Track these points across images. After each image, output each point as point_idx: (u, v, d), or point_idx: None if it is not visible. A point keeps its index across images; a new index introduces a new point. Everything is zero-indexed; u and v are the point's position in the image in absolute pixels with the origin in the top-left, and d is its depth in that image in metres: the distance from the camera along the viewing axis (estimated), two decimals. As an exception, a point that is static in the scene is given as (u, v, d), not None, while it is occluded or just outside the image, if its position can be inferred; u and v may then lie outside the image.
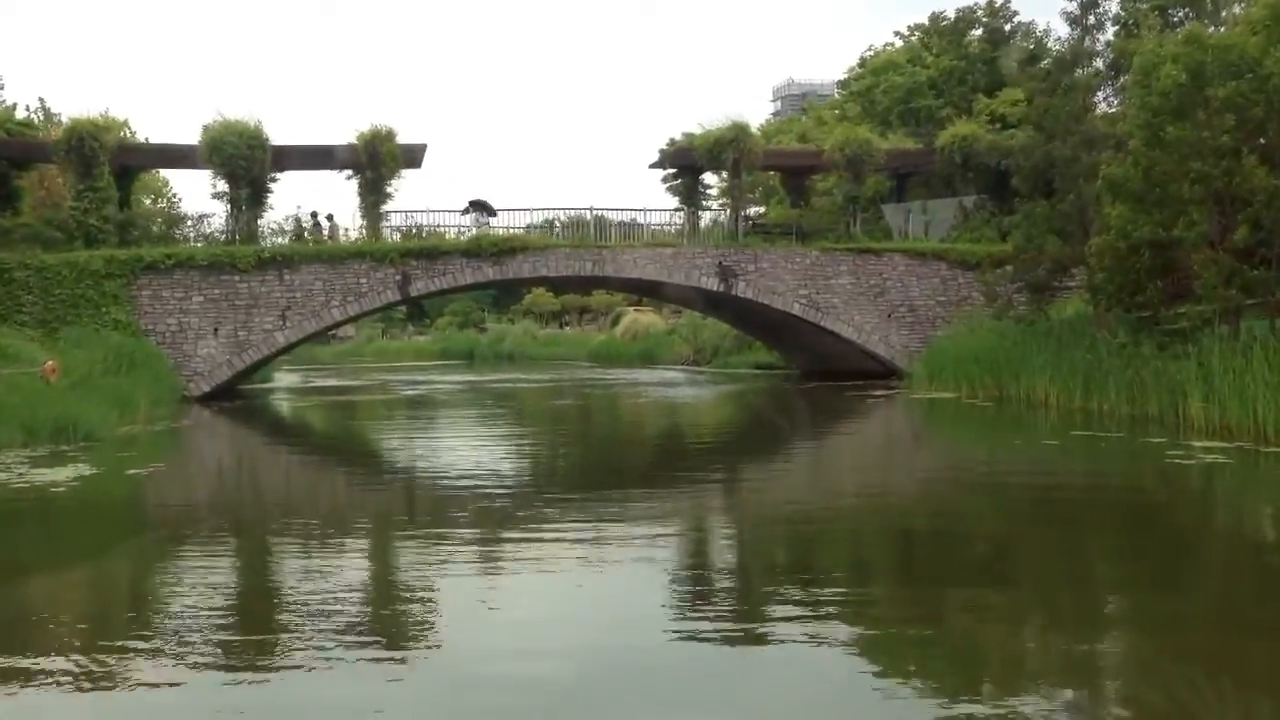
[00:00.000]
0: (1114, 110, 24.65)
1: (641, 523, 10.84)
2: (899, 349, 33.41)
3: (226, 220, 32.28)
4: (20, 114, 39.87)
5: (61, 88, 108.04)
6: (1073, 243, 23.04)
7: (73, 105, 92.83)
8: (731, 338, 47.23)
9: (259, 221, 34.76)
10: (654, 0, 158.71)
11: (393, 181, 35.29)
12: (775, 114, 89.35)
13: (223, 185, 33.35)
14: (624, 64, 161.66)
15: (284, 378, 47.80)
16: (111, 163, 33.11)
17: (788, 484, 14.40)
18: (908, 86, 42.25)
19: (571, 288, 68.45)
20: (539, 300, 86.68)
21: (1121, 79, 23.94)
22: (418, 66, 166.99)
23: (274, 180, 35.49)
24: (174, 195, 50.98)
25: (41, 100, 49.32)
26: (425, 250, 31.53)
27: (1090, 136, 22.93)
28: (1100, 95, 24.41)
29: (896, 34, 48.81)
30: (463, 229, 33.04)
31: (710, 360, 48.28)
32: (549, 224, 34.68)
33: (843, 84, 51.43)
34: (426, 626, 7.29)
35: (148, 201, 43.28)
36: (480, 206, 33.41)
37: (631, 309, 65.63)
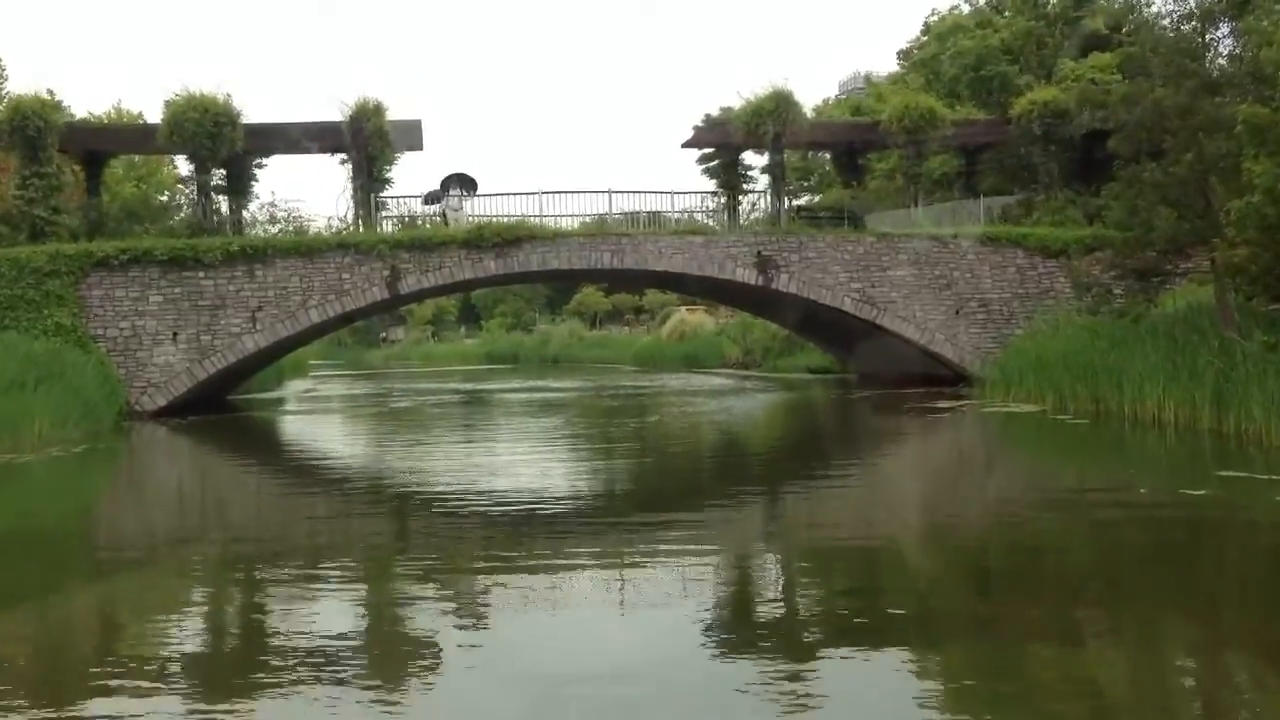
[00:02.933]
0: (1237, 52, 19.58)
1: (676, 557, 9.33)
2: (969, 350, 28.58)
3: (192, 210, 28.43)
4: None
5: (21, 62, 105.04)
6: (1190, 216, 18.14)
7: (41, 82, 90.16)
8: (782, 339, 42.75)
9: (243, 213, 31.21)
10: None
11: (389, 167, 31.50)
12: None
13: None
14: (665, 44, 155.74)
15: (296, 385, 44.15)
16: (74, 147, 29.61)
17: (828, 541, 10.17)
18: (977, 52, 37.21)
19: (612, 284, 64.49)
20: (589, 300, 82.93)
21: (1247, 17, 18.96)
22: (421, 36, 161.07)
23: (260, 166, 31.86)
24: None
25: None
26: (418, 241, 27.39)
27: (1211, 79, 18.04)
28: (1222, 30, 19.36)
29: (963, -4, 43.74)
30: (430, 217, 28.86)
31: (760, 363, 43.93)
32: (600, 220, 30.02)
33: (903, 54, 46.44)
34: (430, 669, 6.46)
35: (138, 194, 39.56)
36: (458, 182, 29.11)
37: (683, 308, 61.45)
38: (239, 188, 31.09)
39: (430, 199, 29.61)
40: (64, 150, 30.50)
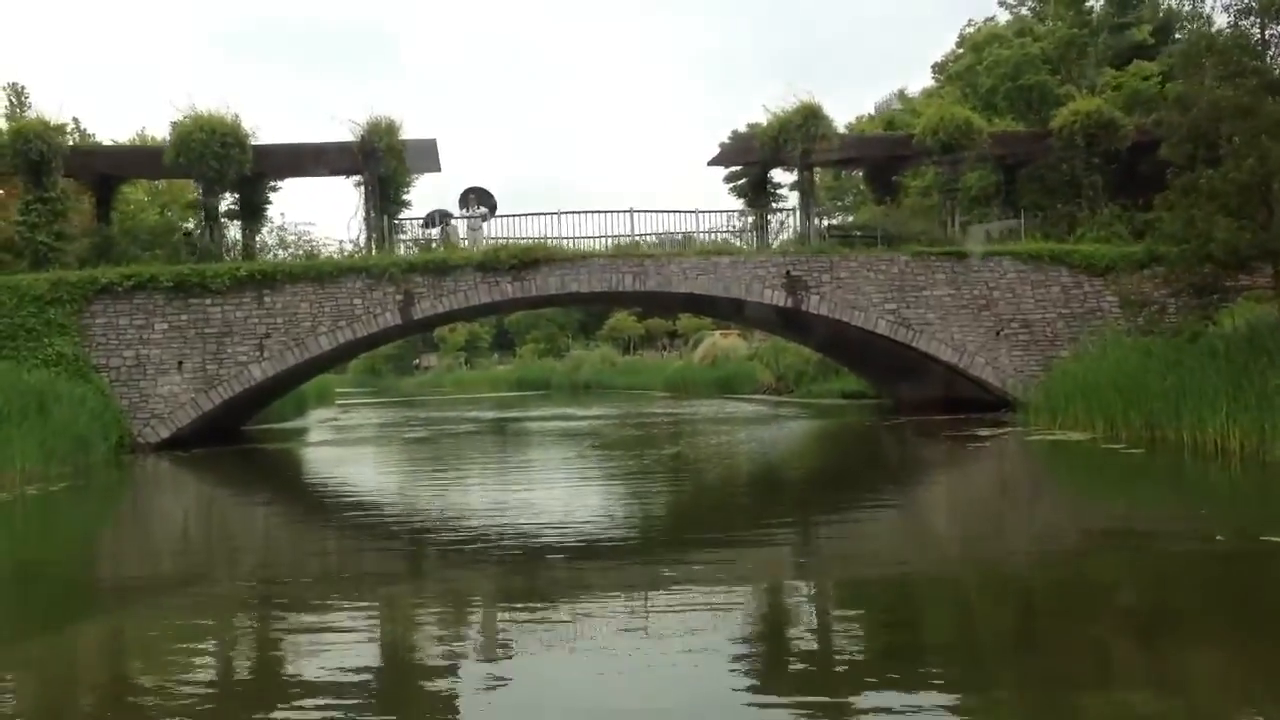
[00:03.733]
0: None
1: (705, 591, 8.67)
2: (1011, 373, 27.09)
3: (199, 235, 27.53)
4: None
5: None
6: (1252, 226, 16.65)
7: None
8: (816, 363, 41.38)
9: (255, 238, 30.32)
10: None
11: (406, 189, 30.57)
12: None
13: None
14: (691, 64, 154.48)
15: (320, 413, 43.25)
16: (82, 172, 28.90)
17: (863, 578, 9.19)
18: (1016, 61, 35.77)
19: (635, 308, 63.37)
20: (622, 325, 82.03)
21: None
22: (441, 56, 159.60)
23: (274, 189, 31.02)
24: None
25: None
26: (432, 264, 26.32)
27: (1273, 78, 16.60)
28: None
29: (1001, 4, 42.26)
30: (430, 239, 27.83)
31: (794, 388, 42.54)
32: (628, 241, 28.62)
33: (938, 67, 45.03)
34: (448, 706, 6.14)
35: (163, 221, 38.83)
36: (477, 198, 28.07)
37: (717, 332, 60.24)
38: (252, 212, 30.24)
39: (430, 221, 28.57)
40: (73, 175, 29.89)
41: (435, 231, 28.20)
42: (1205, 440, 16.22)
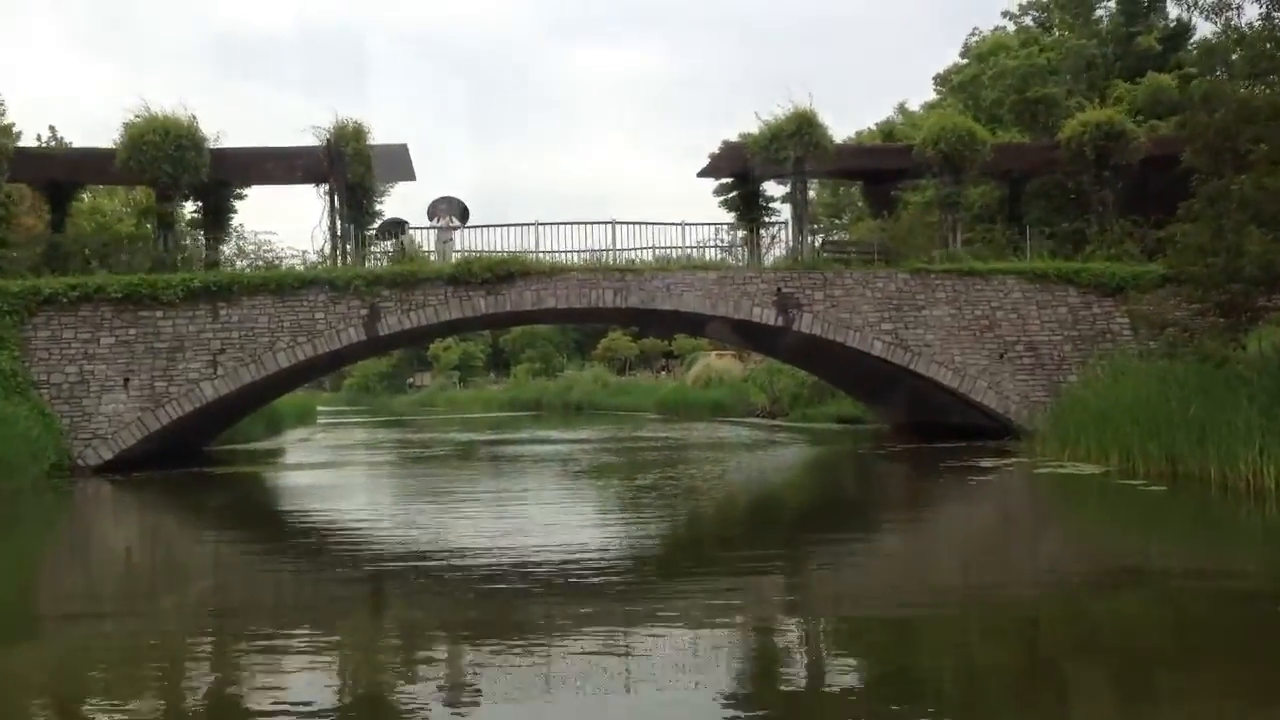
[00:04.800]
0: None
1: (687, 630, 8.10)
2: (1015, 399, 25.42)
3: (155, 244, 25.90)
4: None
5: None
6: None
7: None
8: (811, 385, 39.78)
9: (220, 248, 28.74)
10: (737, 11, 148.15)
11: (380, 199, 28.99)
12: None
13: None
14: (683, 83, 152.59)
15: (295, 433, 41.51)
16: (31, 176, 27.38)
17: (855, 622, 8.23)
18: (1022, 72, 34.20)
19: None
20: (616, 345, 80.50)
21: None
22: (414, 65, 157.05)
23: (239, 197, 29.45)
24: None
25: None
26: (399, 278, 24.69)
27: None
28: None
29: (1005, 14, 40.66)
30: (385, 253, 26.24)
31: (788, 412, 40.92)
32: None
33: (940, 79, 43.41)
34: None
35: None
36: (448, 207, 26.50)
37: (712, 353, 58.68)
38: (216, 220, 28.66)
39: (384, 232, 26.97)
40: (25, 180, 28.38)
41: (389, 244, 26.59)
42: (1235, 476, 14.52)
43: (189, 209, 29.40)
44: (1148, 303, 20.29)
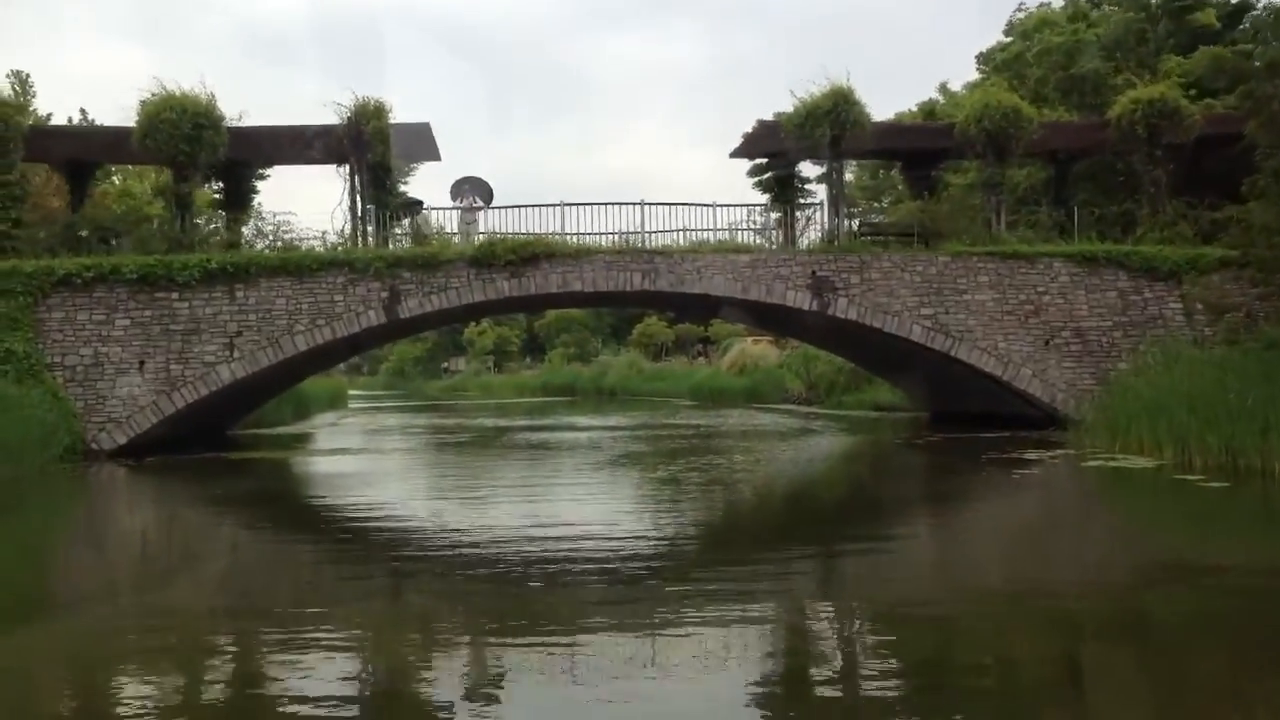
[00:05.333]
0: None
1: (717, 622, 7.66)
2: (1061, 387, 24.36)
3: (172, 224, 25.34)
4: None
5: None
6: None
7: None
8: (848, 372, 38.77)
9: (242, 230, 28.14)
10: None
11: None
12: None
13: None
14: (718, 65, 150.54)
15: (324, 418, 41.00)
16: (50, 155, 26.91)
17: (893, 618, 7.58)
18: (1068, 48, 32.84)
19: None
20: (651, 330, 79.77)
21: None
22: (450, 44, 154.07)
23: (261, 178, 28.86)
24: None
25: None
26: (421, 259, 23.98)
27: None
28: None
29: (1048, -8, 39.15)
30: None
31: (824, 399, 39.93)
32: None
33: (983, 57, 42.02)
34: None
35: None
36: (471, 188, 25.72)
37: (748, 339, 57.73)
38: (236, 201, 28.07)
39: (399, 211, 26.24)
40: (43, 160, 27.94)
41: (406, 223, 25.88)
42: (1305, 473, 13.48)
43: (210, 190, 28.93)
44: (1205, 287, 19.12)
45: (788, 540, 12.01)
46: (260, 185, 29.00)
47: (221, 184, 28.14)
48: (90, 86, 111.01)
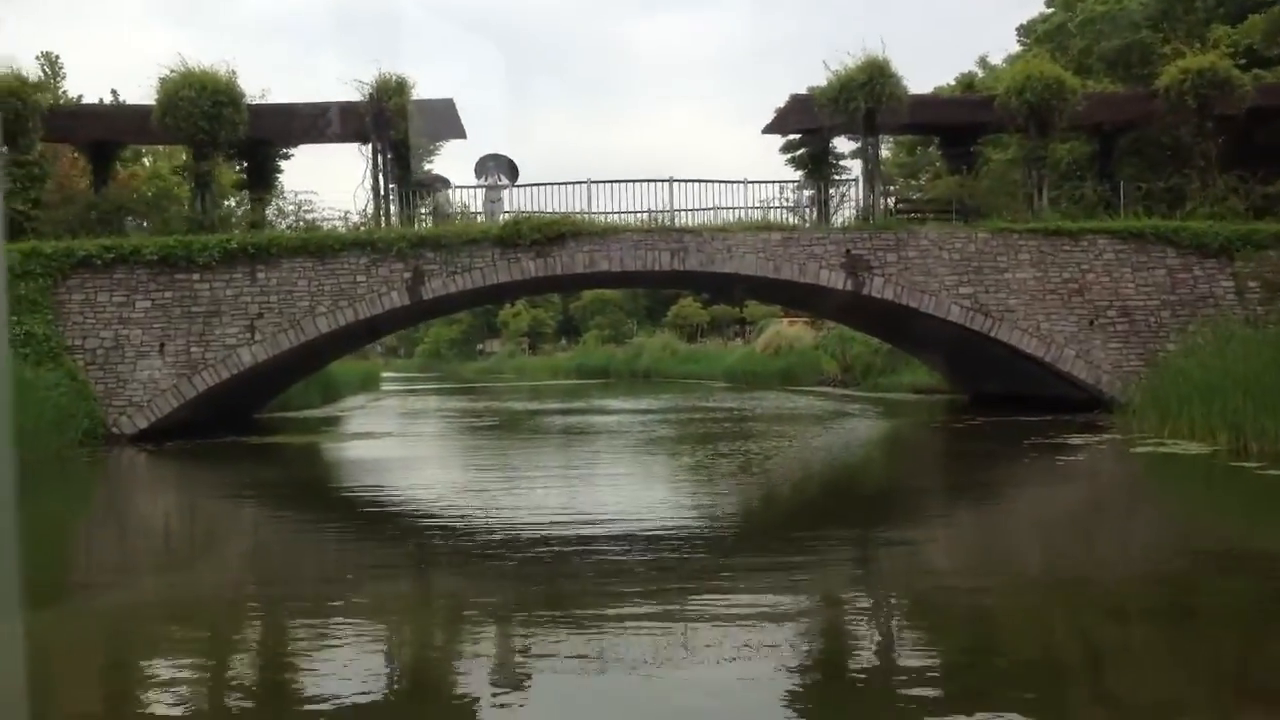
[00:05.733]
0: None
1: (749, 613, 7.26)
2: (1107, 369, 23.49)
3: (192, 204, 24.94)
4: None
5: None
6: None
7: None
8: (885, 353, 37.94)
9: (265, 211, 27.68)
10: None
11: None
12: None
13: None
14: (751, 43, 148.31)
15: (353, 400, 40.70)
16: (71, 135, 26.59)
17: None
18: (1113, 15, 31.73)
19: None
20: (686, 311, 79.23)
21: None
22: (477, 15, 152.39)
23: (285, 157, 28.41)
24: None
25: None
26: (445, 239, 23.44)
27: None
28: None
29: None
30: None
31: (860, 381, 39.13)
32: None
33: (1024, 29, 40.81)
34: None
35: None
36: (495, 166, 25.16)
37: (784, 320, 56.94)
38: (259, 181, 27.63)
39: (419, 188, 25.69)
40: (64, 139, 27.64)
41: (428, 201, 25.33)
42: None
43: (234, 170, 28.52)
44: (1259, 263, 18.23)
45: (824, 528, 11.42)
46: (284, 165, 28.44)
47: (245, 164, 27.69)
48: (130, 71, 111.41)
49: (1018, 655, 6.65)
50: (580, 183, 25.01)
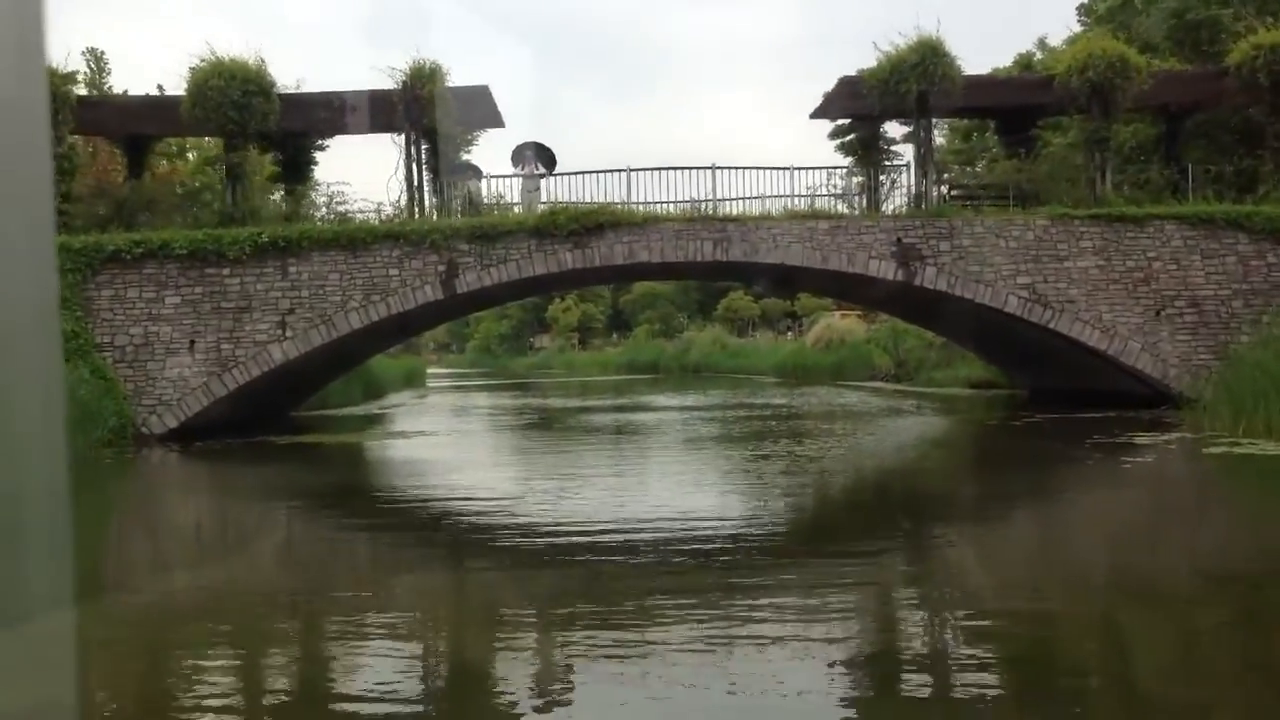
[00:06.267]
0: None
1: (797, 624, 6.83)
2: (1174, 363, 22.24)
3: (223, 196, 24.45)
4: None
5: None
6: None
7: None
8: (939, 347, 36.74)
9: (301, 203, 27.16)
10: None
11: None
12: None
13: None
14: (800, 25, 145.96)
15: (397, 397, 40.22)
16: (104, 128, 26.26)
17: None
18: (1178, -9, 30.21)
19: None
20: (736, 305, 78.31)
21: None
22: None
23: (320, 149, 27.83)
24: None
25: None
26: (479, 230, 22.73)
27: None
28: None
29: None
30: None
31: (913, 376, 37.94)
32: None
33: (1084, 9, 39.29)
34: None
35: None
36: (534, 154, 24.40)
37: (836, 313, 55.83)
38: (293, 173, 27.10)
39: (451, 176, 24.98)
40: (101, 133, 27.32)
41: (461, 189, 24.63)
42: None
43: (269, 163, 28.02)
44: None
45: (877, 531, 10.77)
46: (318, 156, 27.87)
47: (279, 155, 27.17)
48: (179, 66, 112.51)
49: (1078, 665, 6.25)
50: (619, 170, 24.21)
